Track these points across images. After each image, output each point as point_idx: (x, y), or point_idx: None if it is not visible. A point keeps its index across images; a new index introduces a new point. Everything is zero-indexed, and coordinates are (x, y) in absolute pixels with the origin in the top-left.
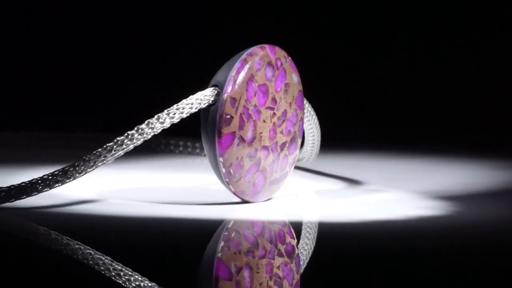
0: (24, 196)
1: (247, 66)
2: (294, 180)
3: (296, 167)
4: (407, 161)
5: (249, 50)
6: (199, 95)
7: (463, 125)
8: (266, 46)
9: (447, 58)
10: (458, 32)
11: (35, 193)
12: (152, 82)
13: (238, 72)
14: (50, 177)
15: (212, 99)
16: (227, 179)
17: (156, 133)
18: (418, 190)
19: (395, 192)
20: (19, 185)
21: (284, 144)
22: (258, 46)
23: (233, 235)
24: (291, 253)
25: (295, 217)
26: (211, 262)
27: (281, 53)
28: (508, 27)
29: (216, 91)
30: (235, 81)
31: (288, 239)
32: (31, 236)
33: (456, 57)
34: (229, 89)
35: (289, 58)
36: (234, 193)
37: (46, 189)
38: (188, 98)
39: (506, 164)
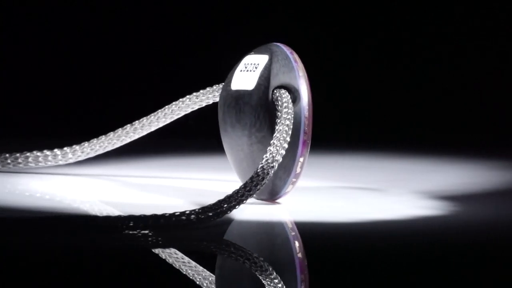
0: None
1: (299, 65)
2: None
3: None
4: (407, 161)
5: (287, 50)
6: (286, 101)
7: (463, 125)
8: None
9: (448, 58)
10: (458, 32)
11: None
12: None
13: (302, 73)
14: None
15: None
16: (295, 179)
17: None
18: (418, 190)
19: (395, 192)
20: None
21: None
22: (282, 44)
23: (294, 235)
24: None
25: (295, 217)
26: (292, 262)
27: None
28: (509, 27)
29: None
30: (305, 82)
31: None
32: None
33: (456, 57)
34: (306, 90)
35: None
36: (284, 194)
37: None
38: (285, 108)
39: (506, 164)
